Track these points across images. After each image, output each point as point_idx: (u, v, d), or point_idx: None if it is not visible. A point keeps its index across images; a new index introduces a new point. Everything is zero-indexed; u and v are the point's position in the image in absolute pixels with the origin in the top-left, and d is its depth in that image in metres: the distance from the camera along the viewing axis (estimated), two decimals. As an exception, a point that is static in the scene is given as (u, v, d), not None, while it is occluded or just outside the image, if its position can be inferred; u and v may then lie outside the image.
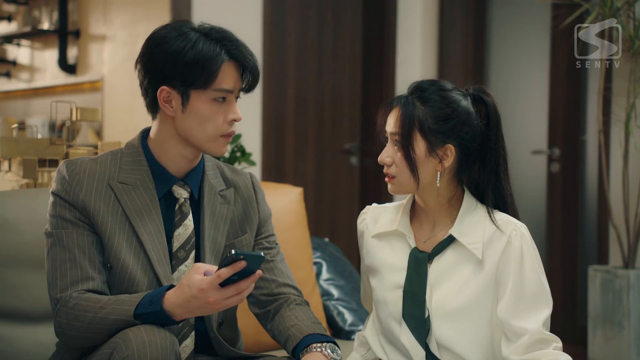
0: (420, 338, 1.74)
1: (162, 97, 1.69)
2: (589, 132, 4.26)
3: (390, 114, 1.79)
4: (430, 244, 1.80)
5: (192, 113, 1.68)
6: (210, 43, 1.66)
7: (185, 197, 1.74)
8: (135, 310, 1.56)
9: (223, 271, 1.49)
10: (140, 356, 1.48)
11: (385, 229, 1.83)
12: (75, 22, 5.09)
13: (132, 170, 1.72)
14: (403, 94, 1.79)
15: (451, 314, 1.75)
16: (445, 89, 1.79)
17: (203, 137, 1.69)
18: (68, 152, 2.51)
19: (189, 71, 1.64)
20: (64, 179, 1.69)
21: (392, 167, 1.79)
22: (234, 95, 1.71)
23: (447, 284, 1.76)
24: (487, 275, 1.75)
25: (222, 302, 1.53)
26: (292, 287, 1.83)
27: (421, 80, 1.81)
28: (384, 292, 1.80)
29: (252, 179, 1.88)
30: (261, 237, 1.85)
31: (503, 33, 4.77)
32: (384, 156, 1.80)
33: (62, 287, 1.63)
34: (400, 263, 1.80)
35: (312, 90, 4.59)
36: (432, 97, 1.76)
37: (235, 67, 1.69)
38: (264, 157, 4.28)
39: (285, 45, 4.43)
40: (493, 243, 1.76)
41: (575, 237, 4.34)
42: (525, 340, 1.72)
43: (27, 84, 5.62)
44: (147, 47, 1.68)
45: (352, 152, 4.76)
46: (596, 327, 3.57)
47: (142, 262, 1.67)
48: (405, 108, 1.75)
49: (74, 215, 1.66)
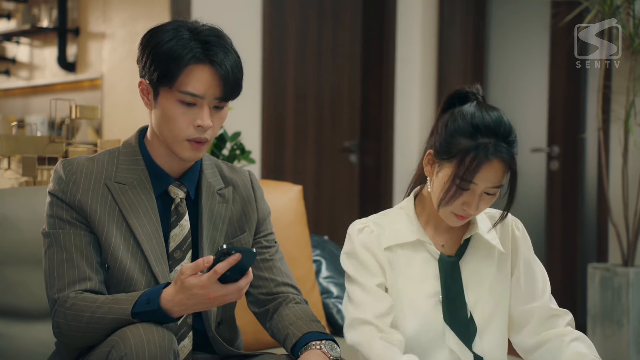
0: (467, 341, 1.75)
1: (141, 89, 1.68)
2: (589, 130, 4.26)
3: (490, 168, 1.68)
4: (449, 246, 1.81)
5: (160, 110, 1.65)
6: (185, 42, 1.60)
7: (182, 197, 1.73)
8: (133, 309, 1.55)
9: (219, 266, 1.49)
10: (138, 354, 1.47)
11: (402, 240, 1.77)
12: (75, 19, 5.09)
13: (129, 169, 1.71)
14: (491, 142, 1.67)
15: (487, 310, 1.78)
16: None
17: (169, 137, 1.66)
18: (67, 150, 2.50)
19: (156, 67, 1.61)
20: (60, 179, 1.68)
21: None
22: (206, 101, 1.63)
23: (479, 282, 1.79)
24: (506, 266, 1.82)
25: (221, 298, 1.53)
26: (291, 286, 1.83)
27: (494, 117, 1.71)
28: (415, 303, 1.75)
29: (250, 177, 1.86)
30: (260, 235, 1.84)
31: (503, 31, 4.76)
32: (482, 209, 1.73)
33: (60, 288, 1.63)
34: (427, 272, 1.77)
35: (312, 89, 4.59)
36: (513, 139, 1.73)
37: (211, 73, 1.61)
38: (263, 155, 4.28)
39: (284, 44, 4.43)
40: (502, 234, 1.83)
41: (575, 235, 4.34)
42: (535, 319, 1.79)
43: (26, 82, 5.61)
44: (143, 38, 1.68)
45: (351, 150, 4.76)
46: (595, 325, 3.57)
47: (139, 262, 1.67)
48: (511, 164, 1.70)
49: (71, 215, 1.66)
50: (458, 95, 1.77)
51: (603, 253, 3.92)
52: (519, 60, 4.69)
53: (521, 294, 1.81)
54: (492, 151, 1.66)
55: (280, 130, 4.45)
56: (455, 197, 1.69)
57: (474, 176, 1.66)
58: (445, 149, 1.70)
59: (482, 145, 1.66)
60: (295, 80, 4.51)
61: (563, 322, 1.80)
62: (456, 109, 1.73)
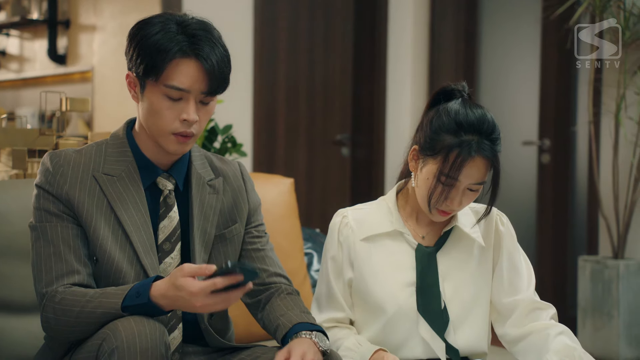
0: (439, 331, 1.77)
1: (128, 82, 1.67)
2: (580, 123, 4.27)
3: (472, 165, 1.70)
4: (430, 238, 1.84)
5: (147, 103, 1.64)
6: (172, 36, 1.59)
7: (170, 189, 1.72)
8: (123, 303, 1.55)
9: (219, 280, 1.48)
10: (129, 347, 1.47)
11: (381, 230, 1.83)
12: (65, 12, 5.06)
13: (117, 161, 1.69)
14: (474, 140, 1.69)
15: (466, 302, 1.80)
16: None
17: (154, 130, 1.65)
18: (58, 142, 2.49)
19: (142, 60, 1.60)
20: (47, 171, 1.67)
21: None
22: (192, 95, 1.62)
23: (458, 274, 1.82)
24: (487, 259, 1.84)
25: (207, 307, 1.51)
26: (283, 277, 1.83)
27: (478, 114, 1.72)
28: (391, 292, 1.80)
29: (240, 168, 1.86)
30: (251, 226, 1.84)
31: (494, 24, 4.77)
32: (464, 204, 1.76)
33: (48, 282, 1.62)
34: (404, 261, 1.81)
35: (303, 81, 4.59)
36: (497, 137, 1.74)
37: (197, 67, 1.60)
38: (255, 148, 4.28)
39: (276, 37, 4.42)
40: (486, 229, 1.85)
41: (566, 228, 4.36)
42: (519, 311, 1.81)
43: (16, 74, 5.59)
44: (131, 30, 1.67)
45: (343, 143, 4.76)
46: (586, 317, 3.59)
47: (128, 254, 1.66)
48: (494, 161, 1.71)
49: (58, 208, 1.64)
50: (444, 91, 1.79)
51: (593, 245, 3.94)
52: (510, 53, 4.70)
53: (505, 287, 1.84)
54: (475, 148, 1.68)
55: (272, 123, 4.44)
56: (440, 194, 1.72)
57: (458, 173, 1.69)
58: (429, 145, 1.73)
59: (466, 142, 1.68)
60: (286, 73, 4.50)
61: (547, 316, 1.82)
62: (441, 106, 1.75)
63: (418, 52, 4.69)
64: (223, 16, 4.10)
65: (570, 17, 3.66)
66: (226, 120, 3.33)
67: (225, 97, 2.04)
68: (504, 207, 1.92)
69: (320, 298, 1.88)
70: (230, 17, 4.08)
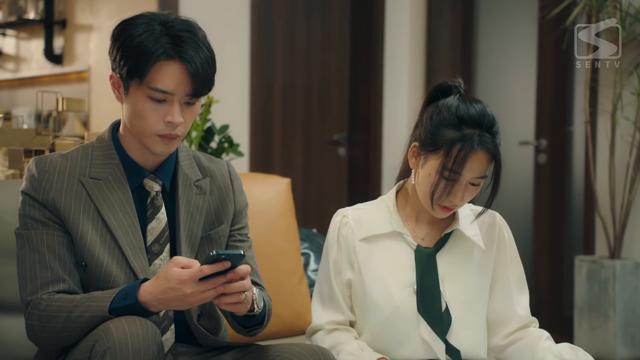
0: (440, 332, 1.76)
1: (112, 83, 1.66)
2: (576, 123, 4.27)
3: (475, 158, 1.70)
4: (429, 239, 1.84)
5: (131, 105, 1.63)
6: (156, 37, 1.57)
7: (157, 191, 1.71)
8: (111, 305, 1.53)
9: (206, 268, 1.47)
10: (122, 347, 1.45)
11: (380, 231, 1.82)
12: (61, 11, 5.06)
13: (104, 164, 1.68)
14: (475, 133, 1.70)
15: (466, 303, 1.80)
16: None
17: (139, 131, 1.64)
18: (54, 142, 2.49)
19: (125, 61, 1.59)
20: (33, 177, 1.65)
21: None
22: (177, 97, 1.60)
23: (457, 275, 1.81)
24: (488, 264, 1.84)
25: (198, 295, 1.50)
26: (258, 285, 1.80)
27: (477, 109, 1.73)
28: (390, 293, 1.79)
29: (229, 167, 1.84)
30: (234, 228, 1.81)
31: (491, 23, 4.77)
32: (467, 199, 1.76)
33: (33, 290, 1.60)
34: (404, 262, 1.81)
35: (300, 81, 4.59)
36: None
37: (181, 69, 1.58)
38: (251, 148, 4.28)
39: (272, 36, 4.42)
40: (488, 233, 1.85)
41: (562, 228, 4.36)
42: (513, 324, 1.82)
43: (12, 74, 5.58)
44: (114, 30, 1.66)
45: (340, 142, 4.76)
46: (582, 317, 3.59)
47: (117, 257, 1.64)
48: (495, 154, 1.72)
49: (43, 214, 1.63)
50: (441, 88, 1.79)
51: (590, 245, 3.95)
52: (507, 53, 4.70)
53: (499, 299, 1.84)
54: (478, 142, 1.69)
55: (269, 123, 4.44)
56: (443, 189, 1.72)
57: (461, 167, 1.69)
58: (430, 141, 1.73)
59: (468, 136, 1.69)
60: (283, 72, 4.50)
61: (537, 327, 1.85)
62: (440, 102, 1.76)
63: (415, 52, 4.69)
64: (220, 16, 4.10)
65: (566, 17, 3.66)
66: (223, 120, 3.32)
67: (222, 97, 2.05)
68: (500, 207, 1.91)
69: (324, 298, 1.87)
70: (227, 17, 4.08)
